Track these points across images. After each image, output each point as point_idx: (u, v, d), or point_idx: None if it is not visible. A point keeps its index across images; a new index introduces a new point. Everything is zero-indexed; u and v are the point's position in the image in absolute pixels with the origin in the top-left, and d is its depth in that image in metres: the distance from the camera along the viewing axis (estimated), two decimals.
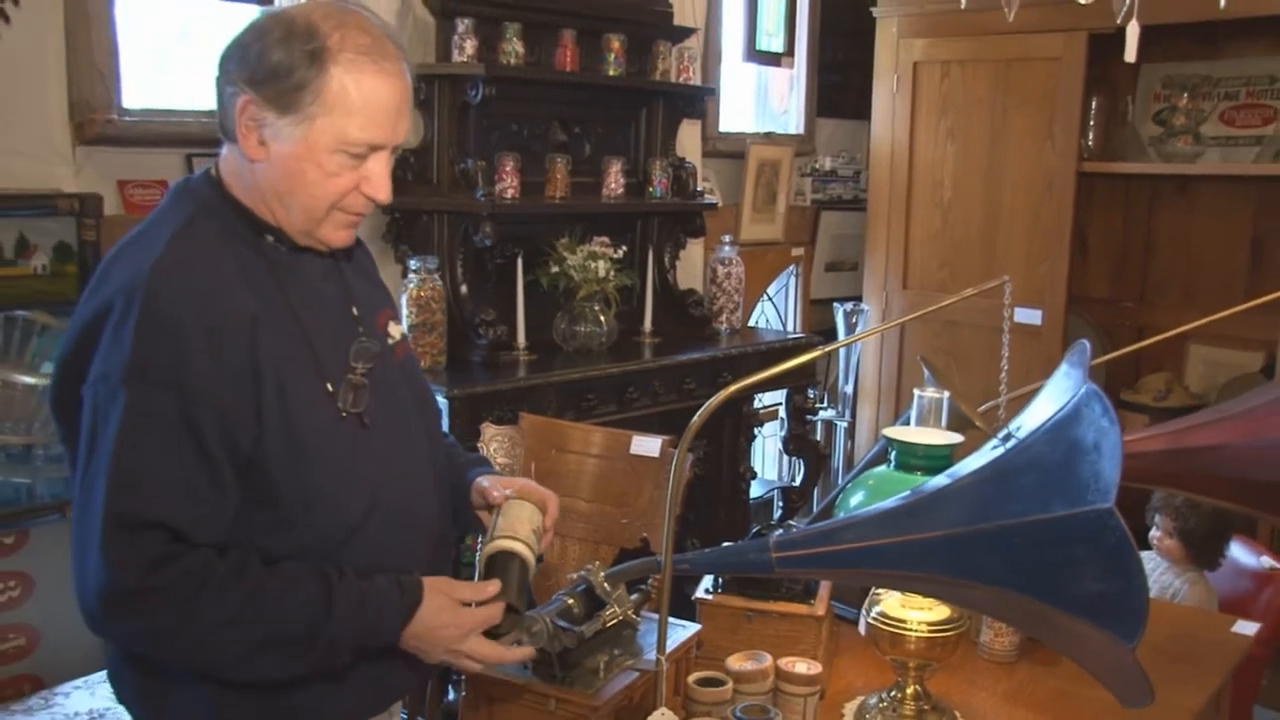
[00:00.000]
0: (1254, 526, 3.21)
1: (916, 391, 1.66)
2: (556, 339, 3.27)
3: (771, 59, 4.50)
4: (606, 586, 1.59)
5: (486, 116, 3.13)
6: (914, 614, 1.64)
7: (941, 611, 1.64)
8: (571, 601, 1.57)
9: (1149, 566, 2.68)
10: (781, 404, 4.03)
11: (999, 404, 1.82)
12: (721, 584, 1.83)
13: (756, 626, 1.77)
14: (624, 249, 3.31)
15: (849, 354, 4.42)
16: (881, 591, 1.69)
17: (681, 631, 1.72)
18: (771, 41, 4.48)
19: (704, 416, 1.36)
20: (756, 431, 3.82)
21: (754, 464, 3.75)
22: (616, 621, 1.60)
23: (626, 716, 1.56)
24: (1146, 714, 1.37)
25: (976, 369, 3.95)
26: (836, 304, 4.36)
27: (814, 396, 3.92)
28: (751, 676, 1.62)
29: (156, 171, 2.67)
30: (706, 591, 1.82)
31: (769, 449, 4.64)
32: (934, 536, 1.31)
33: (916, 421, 1.65)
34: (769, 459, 4.67)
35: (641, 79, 3.47)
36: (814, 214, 4.57)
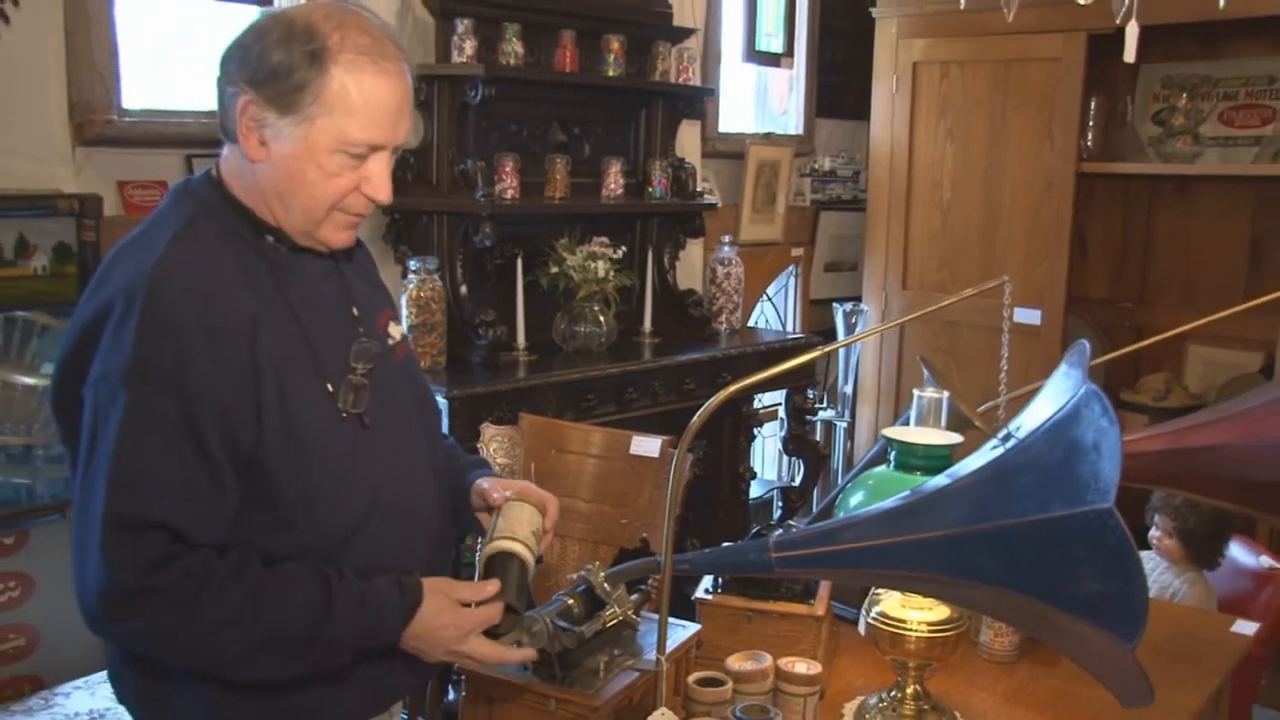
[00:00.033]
0: (1253, 526, 3.21)
1: (916, 392, 1.66)
2: (556, 339, 3.27)
3: (771, 59, 4.50)
4: (606, 587, 1.59)
5: (486, 117, 3.13)
6: (914, 614, 1.64)
7: (941, 611, 1.64)
8: (571, 602, 1.57)
9: (1148, 566, 2.69)
10: (781, 404, 4.03)
11: (998, 404, 1.82)
12: (721, 584, 1.83)
13: (756, 626, 1.77)
14: (623, 249, 3.31)
15: (848, 354, 4.42)
16: (881, 591, 1.69)
17: (681, 631, 1.72)
18: (771, 42, 4.48)
19: (704, 417, 1.36)
20: (756, 432, 3.82)
21: (754, 464, 3.75)
22: (616, 622, 1.60)
23: (626, 716, 1.56)
24: (1146, 714, 1.37)
25: (976, 369, 3.95)
26: (836, 304, 4.36)
27: (813, 397, 3.92)
28: (751, 676, 1.62)
29: (156, 172, 2.67)
30: (706, 591, 1.82)
31: (769, 449, 4.64)
32: (934, 536, 1.31)
33: (916, 421, 1.65)
34: (769, 459, 4.67)
35: (641, 79, 3.47)
36: (813, 214, 4.57)
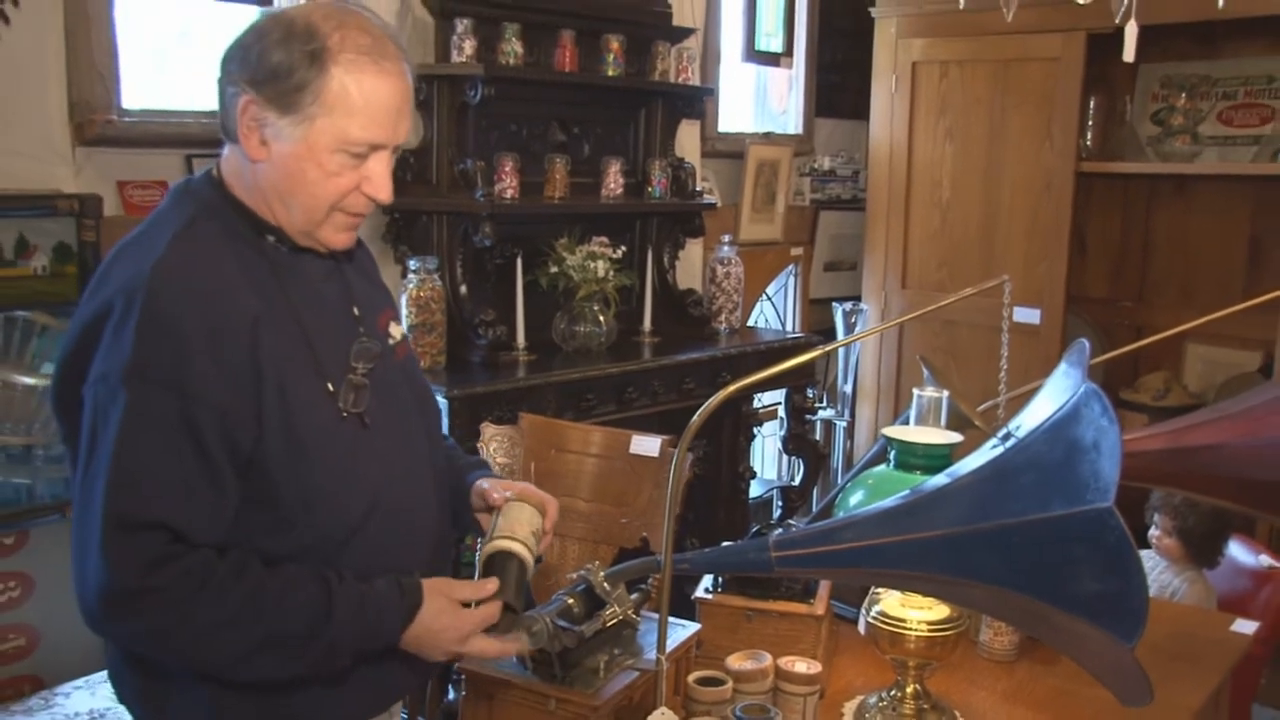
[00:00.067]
0: (1252, 525, 3.21)
1: (916, 391, 1.66)
2: (556, 339, 3.27)
3: (770, 59, 4.50)
4: (606, 586, 1.59)
5: (485, 117, 3.13)
6: (913, 613, 1.64)
7: (941, 611, 1.64)
8: (571, 601, 1.57)
9: (1148, 565, 2.69)
10: (781, 403, 4.03)
11: (998, 403, 1.82)
12: (721, 583, 1.83)
13: (756, 626, 1.77)
14: (623, 249, 3.31)
15: (848, 354, 4.42)
16: (881, 591, 1.69)
17: (681, 631, 1.72)
18: (770, 42, 4.48)
19: (703, 416, 1.36)
20: (756, 431, 3.82)
21: (753, 463, 3.75)
22: (616, 621, 1.60)
23: (626, 716, 1.56)
24: (1146, 713, 1.37)
25: (975, 368, 3.95)
26: (835, 304, 4.36)
27: (813, 396, 3.93)
28: (751, 676, 1.62)
29: (156, 172, 2.67)
30: (706, 591, 1.82)
31: (768, 448, 4.64)
32: (933, 536, 1.31)
33: (916, 421, 1.65)
34: (768, 458, 4.68)
35: (640, 79, 3.47)
36: (813, 214, 4.57)
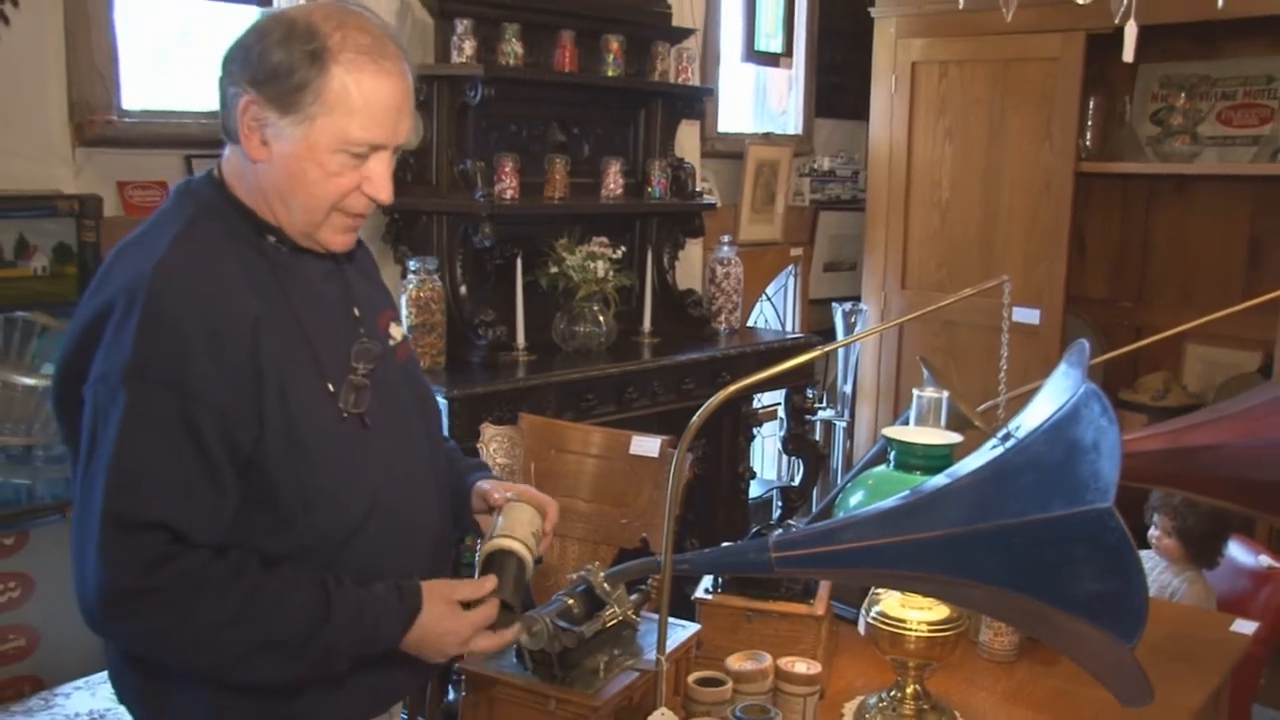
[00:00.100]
0: (1252, 526, 3.21)
1: (915, 391, 1.66)
2: (556, 339, 3.27)
3: (770, 59, 4.50)
4: (606, 587, 1.59)
5: (485, 117, 3.13)
6: (913, 614, 1.64)
7: (941, 611, 1.64)
8: (571, 602, 1.57)
9: (1147, 565, 2.69)
10: (780, 404, 4.03)
11: (998, 404, 1.82)
12: (721, 584, 1.83)
13: (756, 626, 1.77)
14: (623, 249, 3.31)
15: (848, 354, 4.42)
16: (881, 591, 1.70)
17: (681, 631, 1.72)
18: (770, 42, 4.48)
19: (703, 416, 1.36)
20: (756, 431, 3.82)
21: (753, 464, 3.75)
22: (616, 622, 1.60)
23: (626, 716, 1.56)
24: (1145, 713, 1.37)
25: (975, 369, 3.96)
26: (835, 304, 4.36)
27: (813, 396, 3.93)
28: (751, 676, 1.62)
29: (156, 173, 2.67)
30: (706, 591, 1.83)
31: (768, 449, 4.64)
32: (933, 536, 1.31)
33: (915, 421, 1.65)
34: (768, 459, 4.68)
35: (640, 80, 3.47)
36: (812, 214, 4.57)
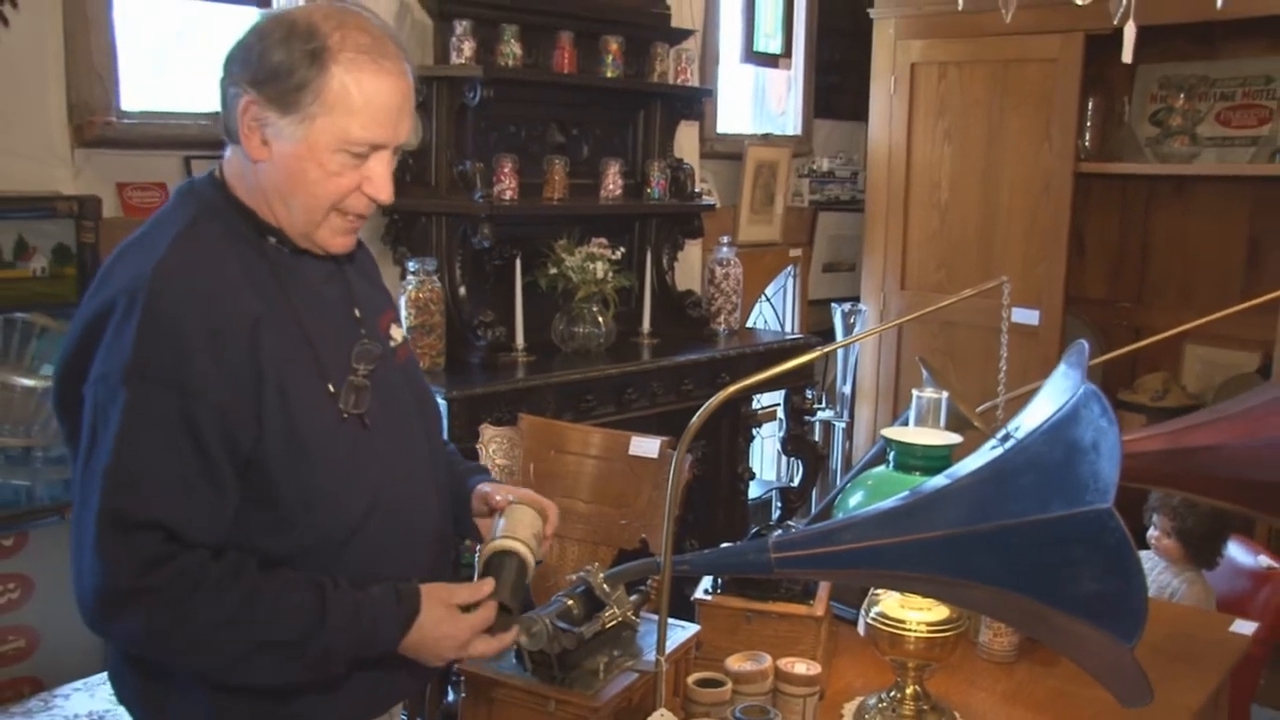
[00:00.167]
0: (1251, 526, 3.21)
1: (915, 392, 1.66)
2: (555, 340, 3.27)
3: (769, 60, 4.50)
4: (606, 588, 1.59)
5: (484, 118, 3.13)
6: (913, 614, 1.64)
7: (940, 612, 1.64)
8: (571, 603, 1.57)
9: (1147, 566, 2.68)
10: (780, 404, 4.03)
11: (997, 404, 1.82)
12: (720, 585, 1.83)
13: (756, 627, 1.77)
14: (622, 250, 3.31)
15: (847, 355, 4.42)
16: (880, 592, 1.70)
17: (681, 632, 1.72)
18: (769, 43, 4.49)
19: (703, 417, 1.36)
20: (755, 432, 3.82)
21: (752, 464, 3.75)
22: (616, 623, 1.60)
23: (626, 717, 1.56)
24: (1145, 713, 1.37)
25: (974, 369, 3.95)
26: (834, 304, 4.36)
27: (812, 397, 3.93)
28: (751, 677, 1.62)
29: (155, 174, 2.67)
30: (706, 592, 1.83)
31: (767, 449, 4.64)
32: (933, 537, 1.31)
33: (915, 422, 1.65)
34: (767, 459, 4.68)
35: (639, 80, 3.47)
36: (812, 215, 4.57)
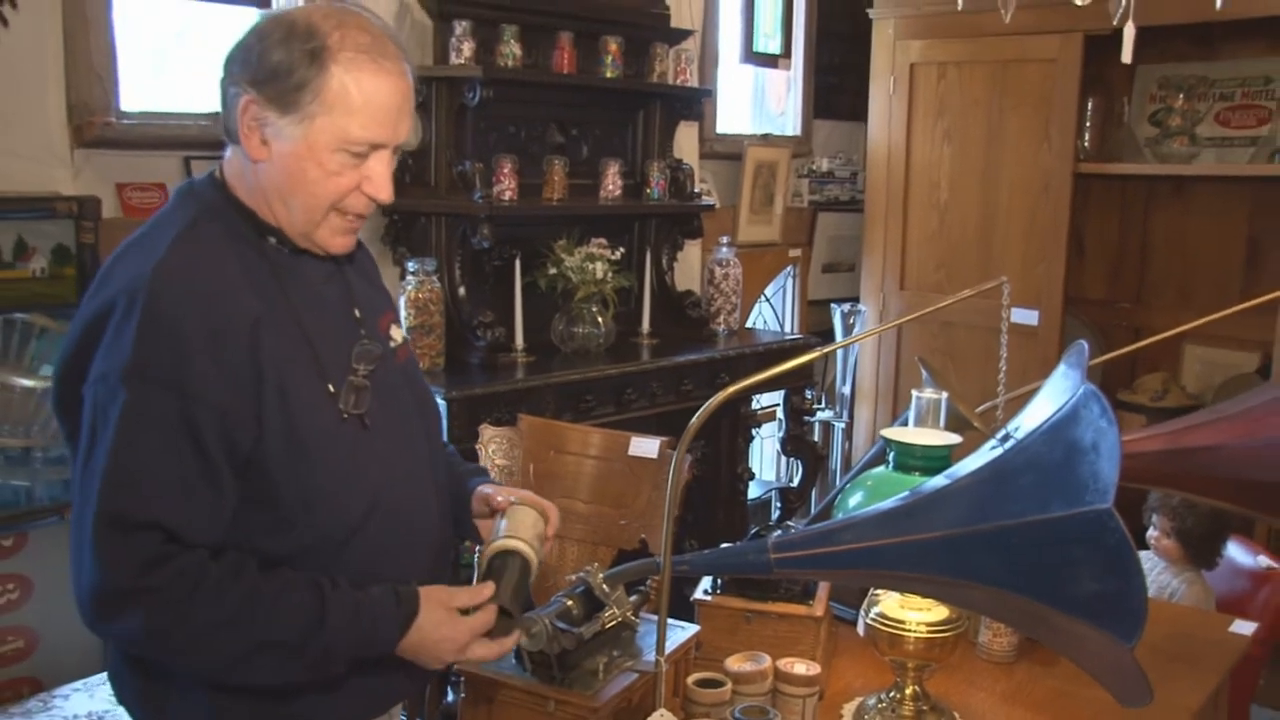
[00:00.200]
0: (1251, 526, 3.21)
1: (914, 392, 1.66)
2: (554, 340, 3.27)
3: (768, 61, 4.50)
4: (605, 588, 1.59)
5: (484, 119, 3.13)
6: (912, 615, 1.64)
7: (940, 612, 1.64)
8: (570, 603, 1.57)
9: (1146, 566, 2.69)
10: (779, 405, 4.03)
11: (997, 404, 1.82)
12: (720, 585, 1.83)
13: (755, 627, 1.78)
14: (622, 250, 3.31)
15: (846, 355, 4.42)
16: (880, 592, 1.70)
17: (680, 633, 1.72)
18: (768, 43, 4.49)
19: (702, 418, 1.36)
20: (754, 432, 3.82)
21: (752, 465, 3.75)
22: (615, 623, 1.60)
23: (625, 718, 1.56)
24: (1145, 713, 1.37)
25: (974, 370, 3.96)
26: (834, 305, 4.37)
27: (812, 397, 3.93)
28: (750, 677, 1.62)
29: (155, 174, 2.67)
30: (705, 593, 1.83)
31: (767, 450, 4.64)
32: (932, 537, 1.31)
33: (914, 422, 1.65)
34: (767, 460, 4.68)
35: (639, 81, 3.47)
36: (811, 215, 4.57)
